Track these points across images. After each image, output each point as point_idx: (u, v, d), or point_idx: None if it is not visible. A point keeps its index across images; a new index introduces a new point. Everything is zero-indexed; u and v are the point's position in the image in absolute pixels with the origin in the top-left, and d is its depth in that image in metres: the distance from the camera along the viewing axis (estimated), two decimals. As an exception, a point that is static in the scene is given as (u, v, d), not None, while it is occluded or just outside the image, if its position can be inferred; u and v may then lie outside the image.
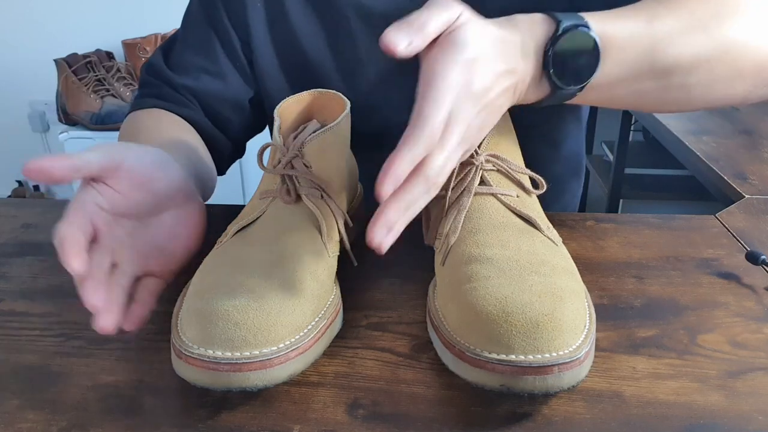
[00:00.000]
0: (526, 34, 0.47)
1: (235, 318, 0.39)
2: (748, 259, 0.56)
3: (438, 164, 0.40)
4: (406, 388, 0.43)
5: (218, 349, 0.39)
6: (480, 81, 0.42)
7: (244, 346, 0.39)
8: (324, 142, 0.50)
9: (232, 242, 0.49)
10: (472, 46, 0.42)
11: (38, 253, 0.62)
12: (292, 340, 0.41)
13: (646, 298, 0.52)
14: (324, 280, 0.46)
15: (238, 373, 0.38)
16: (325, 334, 0.44)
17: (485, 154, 0.50)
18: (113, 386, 0.43)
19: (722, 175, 0.84)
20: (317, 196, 0.49)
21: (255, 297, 0.41)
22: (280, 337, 0.40)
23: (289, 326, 0.41)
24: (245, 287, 0.42)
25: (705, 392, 0.42)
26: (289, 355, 0.40)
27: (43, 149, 2.51)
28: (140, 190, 0.47)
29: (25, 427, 0.40)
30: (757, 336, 0.47)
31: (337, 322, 0.47)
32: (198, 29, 0.73)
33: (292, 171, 0.49)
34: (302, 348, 0.41)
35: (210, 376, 0.39)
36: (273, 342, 0.40)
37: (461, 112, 0.41)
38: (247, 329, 0.39)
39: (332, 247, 0.49)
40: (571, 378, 0.38)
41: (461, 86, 0.41)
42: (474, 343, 0.39)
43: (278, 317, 0.41)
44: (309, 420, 0.40)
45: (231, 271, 0.44)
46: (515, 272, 0.43)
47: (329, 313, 0.45)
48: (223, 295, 0.41)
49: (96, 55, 2.17)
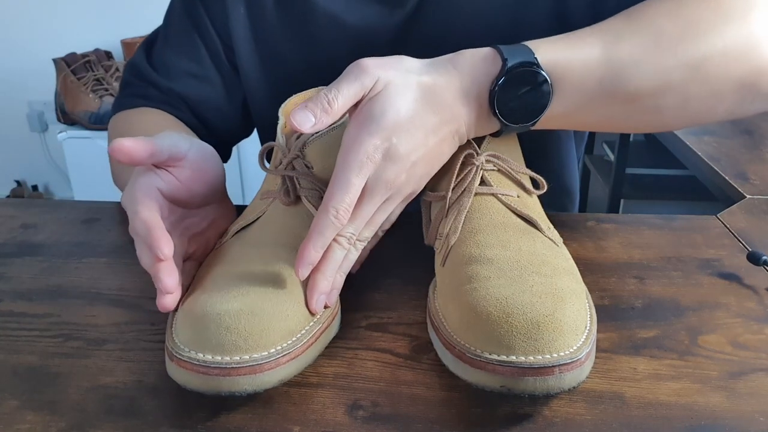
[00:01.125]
0: (466, 77, 0.46)
1: (226, 322, 0.39)
2: (749, 259, 0.56)
3: (349, 233, 0.44)
4: (406, 389, 0.42)
5: (209, 353, 0.39)
6: (405, 144, 0.44)
7: (234, 350, 0.39)
8: (327, 143, 0.50)
9: (231, 243, 0.49)
10: (389, 113, 0.43)
11: (37, 254, 0.61)
12: (284, 345, 0.41)
13: (647, 298, 0.52)
14: None
15: (227, 377, 0.38)
16: (319, 339, 0.44)
17: (485, 154, 0.50)
18: (112, 387, 0.43)
19: (723, 175, 0.84)
20: (317, 197, 0.49)
21: (248, 301, 0.41)
22: (271, 342, 0.40)
23: (281, 331, 0.41)
24: (239, 290, 0.42)
25: (706, 393, 0.42)
26: (279, 361, 0.40)
27: (42, 149, 2.51)
28: (197, 181, 0.49)
29: (24, 428, 0.40)
30: (758, 337, 0.47)
31: (334, 326, 0.47)
32: (182, 31, 0.72)
33: (293, 172, 0.49)
34: (294, 353, 0.41)
35: (200, 380, 0.39)
36: (264, 347, 0.39)
37: (382, 178, 0.44)
38: (238, 334, 0.39)
39: None
40: (571, 379, 0.38)
41: (380, 154, 0.43)
42: (474, 344, 0.39)
43: (270, 322, 0.40)
44: (309, 421, 0.40)
45: (227, 274, 0.44)
46: (516, 273, 0.43)
47: (325, 317, 0.45)
48: (217, 298, 0.41)
49: (95, 55, 2.16)
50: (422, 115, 0.44)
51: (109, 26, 2.27)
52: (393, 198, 0.46)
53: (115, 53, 2.24)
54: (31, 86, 2.37)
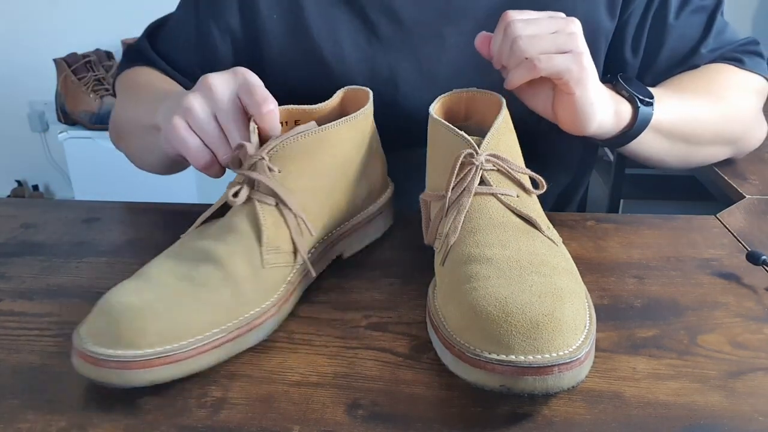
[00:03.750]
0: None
1: (115, 315, 0.41)
2: (748, 259, 0.56)
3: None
4: (406, 388, 0.43)
5: (90, 342, 0.40)
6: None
7: (111, 344, 0.40)
8: (293, 150, 0.49)
9: (190, 235, 0.49)
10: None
11: (37, 253, 0.61)
12: (163, 348, 0.41)
13: (646, 298, 0.52)
14: (246, 292, 0.45)
15: (97, 367, 0.40)
16: (219, 348, 0.43)
17: (485, 154, 0.50)
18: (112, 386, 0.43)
19: (723, 175, 0.84)
20: (271, 203, 0.48)
21: (150, 298, 0.42)
22: (148, 342, 0.40)
23: (164, 334, 0.41)
24: (155, 285, 0.43)
25: (705, 393, 0.42)
26: (151, 362, 0.40)
27: (43, 149, 2.51)
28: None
29: (24, 427, 0.40)
30: (757, 336, 0.47)
31: (249, 337, 0.46)
32: (191, 26, 0.73)
33: (253, 173, 0.48)
34: (172, 358, 0.41)
35: (80, 365, 0.41)
36: (139, 346, 0.40)
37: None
38: (119, 328, 0.40)
39: (274, 259, 0.48)
40: (571, 378, 0.38)
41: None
42: (474, 344, 0.39)
43: (153, 322, 0.41)
44: (308, 420, 0.40)
45: (159, 266, 0.46)
46: (515, 272, 0.43)
47: (238, 326, 0.44)
48: (126, 289, 0.43)
49: (95, 55, 2.17)
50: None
51: (109, 26, 2.27)
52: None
53: (115, 53, 2.24)
54: (32, 86, 2.37)
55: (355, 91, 0.59)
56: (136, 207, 0.71)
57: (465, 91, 0.57)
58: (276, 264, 0.48)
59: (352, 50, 0.69)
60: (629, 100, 0.61)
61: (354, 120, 0.54)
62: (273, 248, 0.48)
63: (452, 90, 0.57)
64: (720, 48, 0.73)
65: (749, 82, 0.73)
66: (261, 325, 0.46)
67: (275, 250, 0.48)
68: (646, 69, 0.73)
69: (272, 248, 0.48)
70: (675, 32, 0.71)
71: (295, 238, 0.49)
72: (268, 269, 0.47)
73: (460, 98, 0.58)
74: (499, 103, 0.54)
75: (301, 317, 0.50)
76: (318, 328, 0.49)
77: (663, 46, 0.71)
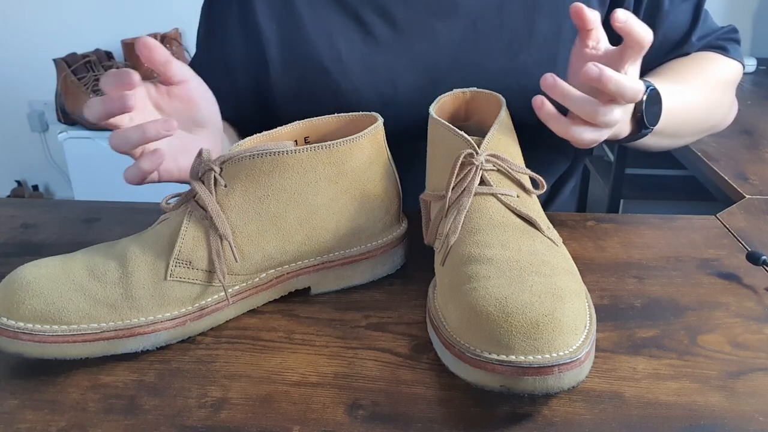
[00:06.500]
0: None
1: (10, 282, 0.45)
2: (748, 259, 0.56)
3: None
4: (406, 388, 0.43)
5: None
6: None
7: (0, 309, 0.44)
8: (243, 166, 0.47)
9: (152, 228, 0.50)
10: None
11: (37, 253, 0.61)
12: (33, 325, 0.43)
13: (646, 298, 0.52)
14: (140, 297, 0.45)
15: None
16: (92, 344, 0.44)
17: (485, 154, 0.50)
18: (113, 386, 0.43)
19: (723, 175, 0.84)
20: (201, 217, 0.47)
21: (42, 276, 0.45)
22: (21, 316, 0.43)
23: (36, 313, 0.43)
24: (59, 267, 0.45)
25: (705, 393, 0.42)
26: (18, 335, 0.43)
27: (42, 149, 2.51)
28: (188, 108, 0.56)
29: (24, 427, 0.40)
30: (757, 336, 0.47)
31: (130, 342, 0.45)
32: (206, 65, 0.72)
33: (196, 182, 0.47)
34: (37, 338, 0.43)
35: None
36: (12, 316, 0.43)
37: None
38: (6, 294, 0.44)
39: (183, 273, 0.46)
40: (571, 378, 0.38)
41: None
42: (474, 344, 0.39)
43: (31, 299, 0.43)
44: (309, 420, 0.40)
45: (85, 252, 0.48)
46: (515, 272, 0.43)
47: (117, 328, 0.44)
48: (38, 264, 0.46)
49: (95, 55, 2.16)
50: None
51: (109, 26, 2.27)
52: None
53: (115, 53, 2.24)
54: (32, 86, 2.36)
55: (366, 117, 0.55)
56: (136, 207, 0.71)
57: (465, 91, 0.57)
58: (184, 279, 0.46)
59: (350, 53, 0.69)
60: (637, 121, 0.59)
61: (318, 151, 0.49)
62: (184, 262, 0.46)
63: (452, 90, 0.57)
64: (707, 36, 0.76)
65: (732, 70, 0.76)
66: (148, 334, 0.45)
67: (186, 265, 0.46)
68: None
69: (183, 262, 0.46)
70: (668, 19, 0.72)
71: (214, 259, 0.47)
72: (171, 282, 0.46)
73: (460, 98, 0.58)
74: (499, 103, 0.54)
75: (301, 317, 0.50)
76: (318, 328, 0.49)
77: (656, 33, 0.71)
